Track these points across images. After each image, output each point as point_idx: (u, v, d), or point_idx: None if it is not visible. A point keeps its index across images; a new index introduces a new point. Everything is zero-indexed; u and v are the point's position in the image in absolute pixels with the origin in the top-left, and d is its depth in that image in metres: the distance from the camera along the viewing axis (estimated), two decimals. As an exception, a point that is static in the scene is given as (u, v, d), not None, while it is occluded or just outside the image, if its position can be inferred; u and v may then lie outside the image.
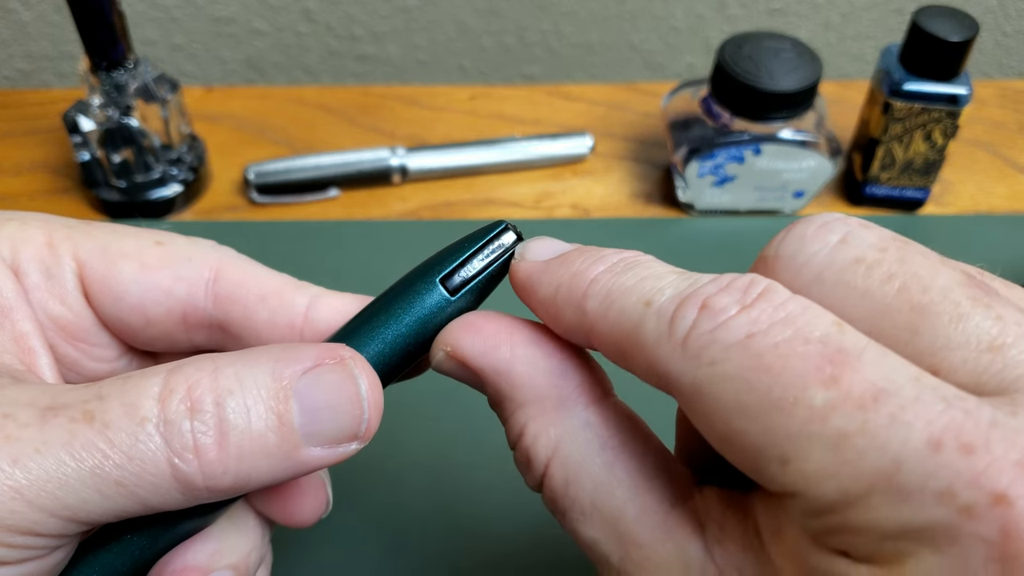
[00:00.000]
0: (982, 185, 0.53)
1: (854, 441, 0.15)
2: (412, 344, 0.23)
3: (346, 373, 0.20)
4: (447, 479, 0.36)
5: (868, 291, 0.17)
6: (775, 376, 0.16)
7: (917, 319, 0.17)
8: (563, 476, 0.20)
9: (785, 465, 0.16)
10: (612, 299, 0.19)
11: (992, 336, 0.16)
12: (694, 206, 0.49)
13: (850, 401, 0.15)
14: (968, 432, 0.14)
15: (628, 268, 0.20)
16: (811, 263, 0.18)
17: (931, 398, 0.15)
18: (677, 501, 0.20)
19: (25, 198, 0.50)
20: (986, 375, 0.16)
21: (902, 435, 0.15)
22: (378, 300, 0.23)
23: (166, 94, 0.47)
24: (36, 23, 0.65)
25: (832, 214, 0.19)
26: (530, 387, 0.21)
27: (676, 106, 0.50)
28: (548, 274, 0.21)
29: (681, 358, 0.17)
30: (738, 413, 0.16)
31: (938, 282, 0.17)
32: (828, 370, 0.16)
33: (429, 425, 0.38)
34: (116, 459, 0.18)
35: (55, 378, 0.23)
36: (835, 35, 0.69)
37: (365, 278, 0.45)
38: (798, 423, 0.16)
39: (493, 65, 0.69)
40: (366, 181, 0.51)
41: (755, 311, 0.17)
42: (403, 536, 0.35)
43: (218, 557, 0.23)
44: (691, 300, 0.18)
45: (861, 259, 0.18)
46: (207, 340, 0.25)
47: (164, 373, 0.19)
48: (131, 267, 0.24)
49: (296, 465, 0.19)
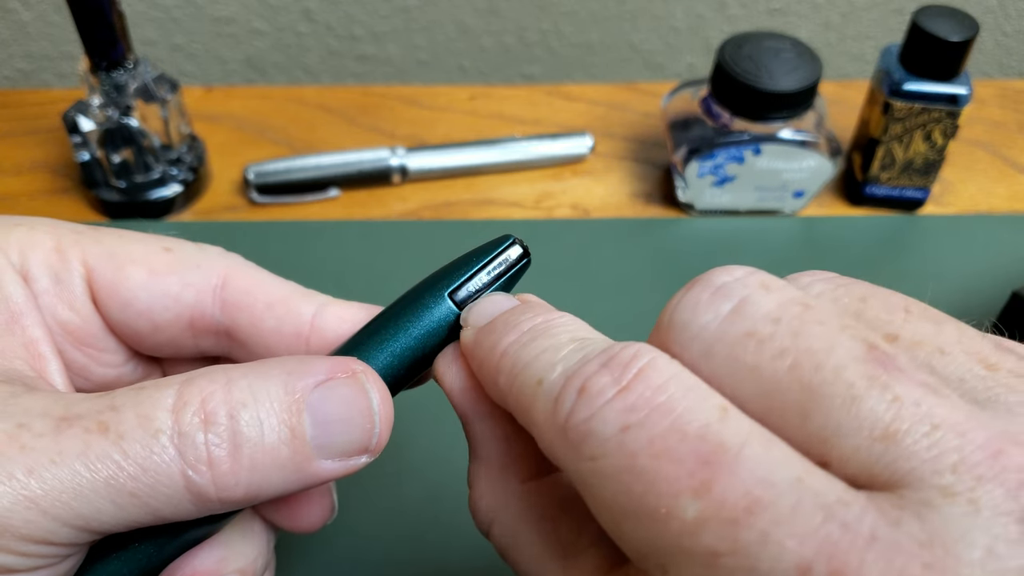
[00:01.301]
0: (982, 185, 0.53)
1: (725, 561, 0.14)
2: (420, 356, 0.23)
3: (358, 387, 0.20)
4: (447, 484, 0.36)
5: (758, 367, 0.16)
6: (648, 483, 0.15)
7: (808, 401, 0.15)
8: (503, 541, 0.21)
9: (665, 574, 0.16)
10: (515, 374, 0.19)
11: (886, 423, 0.15)
12: (694, 206, 0.49)
13: (722, 513, 0.14)
14: (842, 554, 0.13)
15: (533, 339, 0.19)
16: (702, 335, 0.17)
17: (810, 508, 0.14)
18: (612, 568, 0.19)
19: (25, 198, 0.50)
20: (879, 466, 0.15)
21: (773, 555, 0.14)
22: (386, 312, 0.23)
23: (166, 94, 0.47)
24: (36, 23, 0.65)
25: (733, 271, 0.18)
26: (481, 445, 0.21)
27: (676, 106, 0.50)
28: (476, 346, 0.21)
29: (565, 447, 0.17)
30: (620, 515, 0.16)
31: (832, 359, 0.15)
32: (699, 476, 0.15)
33: (429, 429, 0.38)
34: (130, 470, 0.18)
35: (64, 384, 0.23)
36: (835, 35, 0.69)
37: (365, 278, 0.45)
38: (672, 536, 0.15)
39: (493, 65, 0.69)
40: (366, 181, 0.51)
41: (632, 395, 0.16)
42: (402, 541, 0.35)
43: (225, 563, 0.23)
44: (573, 380, 0.17)
45: (752, 333, 0.16)
46: (214, 346, 0.25)
47: (178, 385, 0.19)
48: (139, 273, 0.24)
49: (307, 477, 0.20)
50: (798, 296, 0.17)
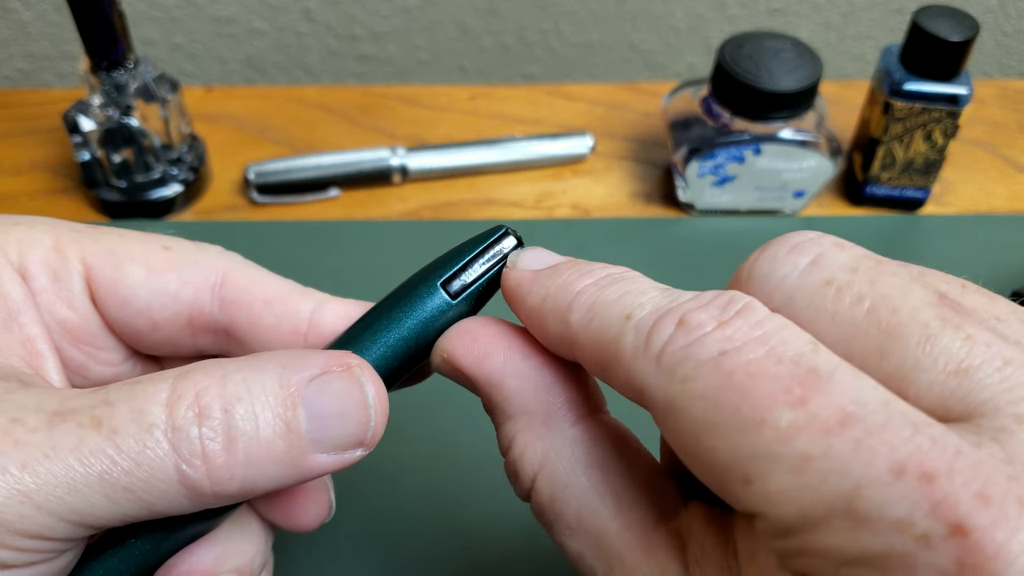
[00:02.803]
0: (982, 185, 0.53)
1: (816, 465, 0.15)
2: (414, 348, 0.23)
3: (353, 380, 0.20)
4: (445, 482, 0.36)
5: (838, 313, 0.17)
6: (744, 395, 0.16)
7: (886, 341, 0.16)
8: (549, 492, 0.20)
9: (748, 485, 0.16)
10: (595, 312, 0.19)
11: (960, 358, 0.16)
12: (694, 206, 0.49)
13: (816, 424, 0.15)
14: (932, 460, 0.14)
15: (613, 282, 0.20)
16: (782, 286, 0.18)
17: (899, 424, 0.15)
18: (661, 519, 0.20)
19: (25, 198, 0.50)
20: (953, 399, 0.16)
21: (865, 460, 0.15)
22: (380, 304, 0.23)
23: (166, 94, 0.47)
24: (36, 23, 0.65)
25: (806, 233, 0.19)
26: (519, 400, 0.21)
27: (676, 106, 0.50)
28: (537, 284, 0.21)
29: (656, 373, 0.17)
30: (707, 432, 0.16)
31: (908, 303, 0.17)
32: (797, 391, 0.15)
33: (427, 426, 0.38)
34: (124, 465, 0.18)
35: (62, 381, 0.23)
36: (835, 35, 0.69)
37: (365, 278, 0.45)
38: (763, 444, 0.15)
39: (493, 65, 0.69)
40: (366, 181, 0.51)
41: (731, 328, 0.17)
42: (401, 538, 0.35)
43: (223, 561, 0.23)
44: (669, 315, 0.17)
45: (831, 281, 0.17)
46: (212, 344, 0.25)
47: (172, 379, 0.19)
48: (138, 271, 0.24)
49: (303, 471, 0.20)
50: (870, 253, 0.18)
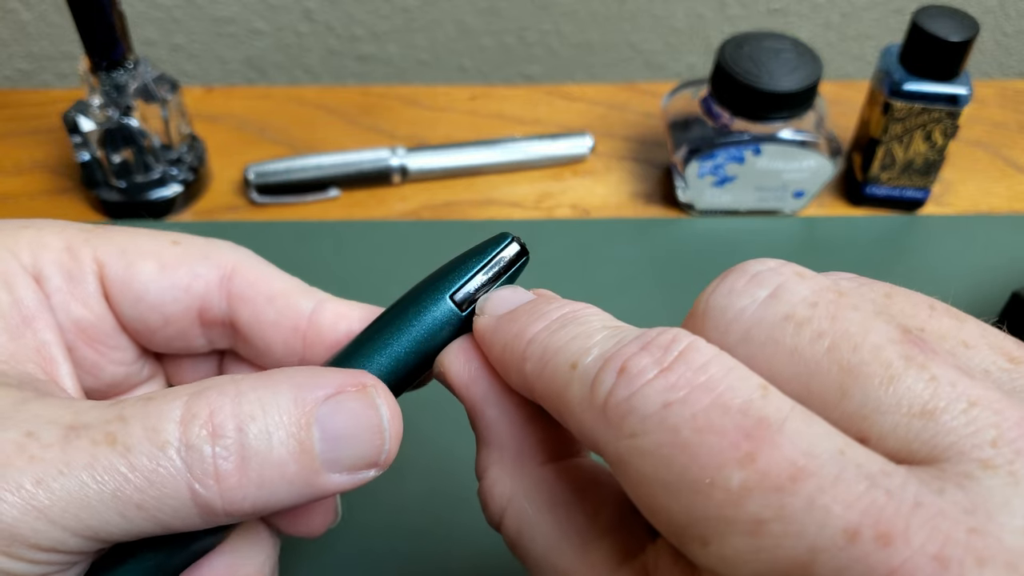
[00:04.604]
0: (982, 185, 0.53)
1: (770, 528, 0.14)
2: (422, 358, 0.23)
3: (368, 401, 0.20)
4: (447, 480, 0.36)
5: (797, 350, 0.16)
6: (692, 456, 0.15)
7: (847, 380, 0.16)
8: (516, 528, 0.21)
9: (705, 547, 0.16)
10: (546, 360, 0.19)
11: (924, 400, 0.15)
12: (694, 206, 0.49)
13: (767, 482, 0.15)
14: (888, 519, 0.14)
15: (563, 326, 0.19)
16: (739, 319, 0.17)
17: (853, 476, 0.14)
18: (627, 557, 0.19)
19: (25, 198, 0.50)
20: (917, 442, 0.15)
21: (819, 520, 0.14)
22: (386, 315, 0.23)
23: (166, 94, 0.47)
24: (36, 23, 0.65)
25: (766, 262, 0.18)
26: (495, 432, 0.21)
27: (676, 106, 0.50)
28: (498, 333, 0.21)
29: (603, 427, 0.17)
30: (660, 490, 0.16)
31: (869, 340, 0.16)
32: (744, 447, 0.15)
33: (429, 427, 0.38)
34: (137, 483, 0.18)
35: (75, 386, 0.23)
36: (835, 35, 0.69)
37: (366, 278, 0.45)
38: (715, 506, 0.15)
39: (493, 65, 0.69)
40: (366, 181, 0.51)
41: (674, 375, 0.16)
42: (403, 538, 0.35)
43: (235, 570, 0.23)
44: (611, 362, 0.17)
45: (790, 316, 0.17)
46: (221, 338, 0.26)
47: (186, 396, 0.19)
48: (150, 266, 0.24)
49: (315, 491, 0.20)
50: (831, 284, 0.17)
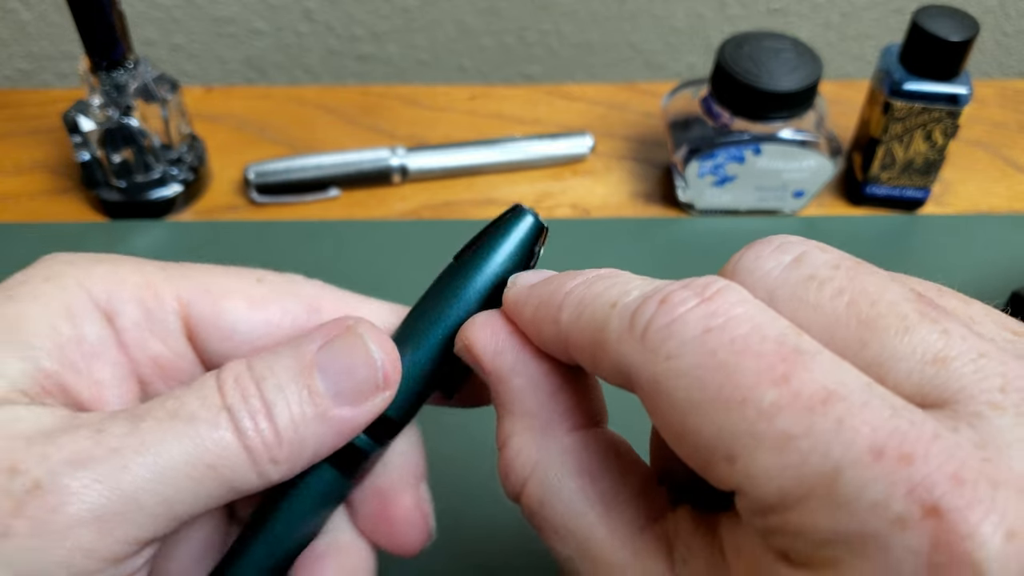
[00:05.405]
0: (982, 185, 0.53)
1: (798, 444, 0.15)
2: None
3: (354, 335, 0.22)
4: (444, 482, 0.36)
5: (819, 304, 0.18)
6: (727, 374, 0.16)
7: (865, 332, 0.17)
8: (539, 496, 0.21)
9: (732, 464, 0.16)
10: (583, 306, 0.20)
11: (937, 349, 0.16)
12: (694, 206, 0.49)
13: (799, 402, 0.15)
14: (910, 442, 0.15)
15: (599, 279, 0.20)
16: (766, 279, 0.18)
17: (879, 405, 0.15)
18: (648, 522, 0.20)
19: (25, 198, 0.50)
20: (929, 387, 0.16)
21: (846, 440, 0.15)
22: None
23: (166, 94, 0.47)
24: (36, 23, 0.65)
25: (790, 236, 0.19)
26: (521, 401, 0.22)
27: (676, 106, 0.50)
28: (531, 295, 0.22)
29: (641, 352, 0.18)
30: (691, 410, 0.17)
31: (886, 296, 0.17)
32: (780, 369, 0.16)
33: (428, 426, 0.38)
34: (207, 445, 0.20)
35: None
36: (835, 35, 0.69)
37: (366, 278, 0.45)
38: (746, 422, 0.16)
39: (493, 65, 0.69)
40: (366, 181, 0.51)
41: (714, 304, 0.17)
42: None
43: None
44: (653, 297, 0.18)
45: (813, 276, 0.18)
46: None
47: (212, 375, 0.22)
48: (238, 305, 0.24)
49: (335, 425, 0.22)
50: (849, 255, 0.19)
